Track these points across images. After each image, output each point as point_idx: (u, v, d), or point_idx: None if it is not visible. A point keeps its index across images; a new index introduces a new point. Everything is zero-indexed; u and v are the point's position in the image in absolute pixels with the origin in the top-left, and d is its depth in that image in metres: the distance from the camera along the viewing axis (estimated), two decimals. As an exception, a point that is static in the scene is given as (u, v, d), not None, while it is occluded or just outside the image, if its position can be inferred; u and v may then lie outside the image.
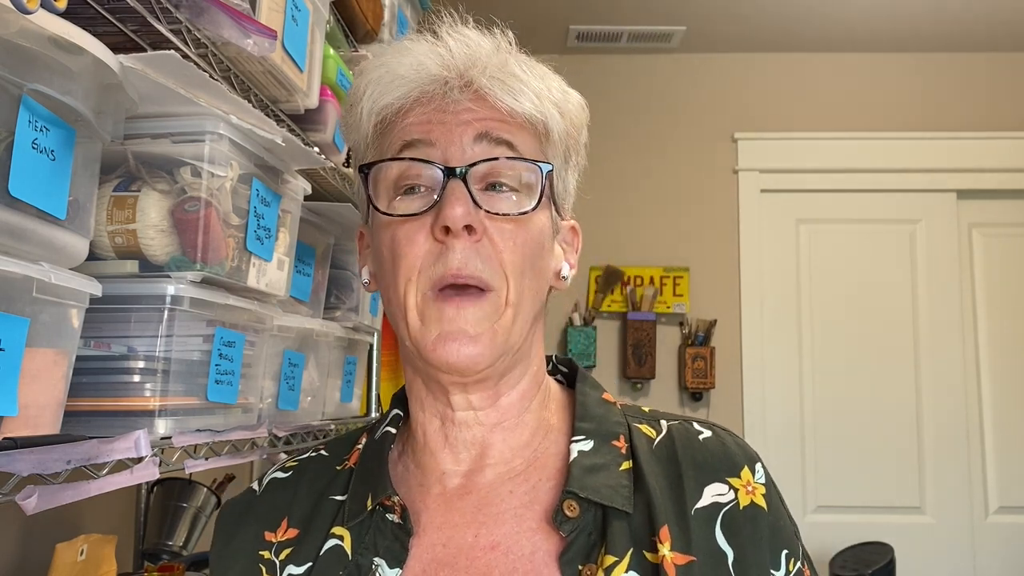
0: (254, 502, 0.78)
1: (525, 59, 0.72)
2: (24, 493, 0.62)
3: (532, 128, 0.70)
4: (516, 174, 0.69)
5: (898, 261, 3.33)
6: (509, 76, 0.69)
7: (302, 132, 1.20)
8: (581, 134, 0.75)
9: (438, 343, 0.67)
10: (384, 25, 1.57)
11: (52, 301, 0.67)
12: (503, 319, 0.68)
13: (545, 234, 0.72)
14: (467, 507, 0.71)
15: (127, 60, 0.73)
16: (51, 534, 1.21)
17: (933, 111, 3.36)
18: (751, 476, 0.71)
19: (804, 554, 0.72)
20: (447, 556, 0.68)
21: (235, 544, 0.75)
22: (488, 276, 0.67)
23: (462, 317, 0.66)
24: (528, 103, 0.68)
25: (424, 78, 0.69)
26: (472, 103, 0.68)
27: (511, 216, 0.68)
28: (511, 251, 0.68)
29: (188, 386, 0.88)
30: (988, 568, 3.15)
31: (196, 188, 0.86)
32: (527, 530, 0.69)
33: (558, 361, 0.84)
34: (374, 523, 0.70)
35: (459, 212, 0.65)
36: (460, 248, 0.66)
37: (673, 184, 3.37)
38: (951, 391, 3.24)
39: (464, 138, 0.68)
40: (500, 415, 0.73)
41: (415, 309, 0.68)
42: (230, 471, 1.87)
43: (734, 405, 3.24)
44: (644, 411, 0.78)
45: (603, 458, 0.71)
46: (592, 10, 3.06)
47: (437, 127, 0.68)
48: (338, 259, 1.47)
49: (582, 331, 3.21)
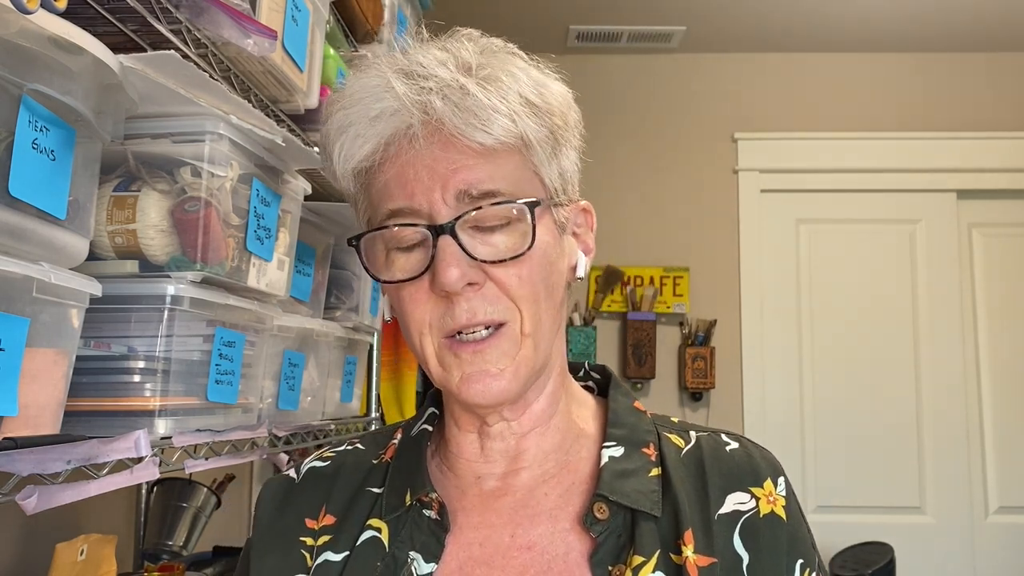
0: (293, 489, 0.79)
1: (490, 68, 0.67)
2: (24, 493, 0.62)
3: (509, 147, 0.67)
4: (505, 214, 0.68)
5: (898, 261, 3.33)
6: (473, 102, 0.65)
7: (302, 132, 1.20)
8: (568, 118, 0.72)
9: (463, 385, 0.68)
10: (384, 25, 1.57)
11: (52, 301, 0.67)
12: (523, 350, 0.68)
13: (551, 249, 0.70)
14: (504, 508, 0.72)
15: (127, 60, 0.73)
16: (51, 534, 1.21)
17: (933, 111, 3.36)
18: (773, 488, 0.73)
19: (819, 564, 0.74)
20: (483, 555, 0.70)
21: (277, 528, 0.76)
22: (498, 315, 0.67)
23: (481, 359, 0.67)
24: (498, 129, 0.65)
25: (385, 131, 0.67)
26: (442, 150, 0.66)
27: (507, 261, 0.67)
28: (518, 286, 0.68)
29: (188, 386, 0.88)
30: (988, 568, 3.15)
31: (196, 188, 0.86)
32: (561, 531, 0.70)
33: (591, 368, 0.85)
34: (411, 518, 0.72)
35: (454, 276, 0.65)
36: (464, 301, 0.66)
37: (673, 184, 3.37)
38: (951, 391, 3.24)
39: (445, 195, 0.66)
40: (533, 422, 0.74)
41: (435, 357, 0.69)
42: (230, 471, 1.87)
43: (734, 405, 3.24)
44: (673, 421, 0.80)
45: (633, 464, 0.72)
46: (592, 10, 3.06)
47: (416, 188, 0.66)
48: (338, 259, 1.47)
49: (582, 331, 3.21)
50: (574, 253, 0.76)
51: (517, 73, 0.68)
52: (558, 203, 0.72)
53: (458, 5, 2.76)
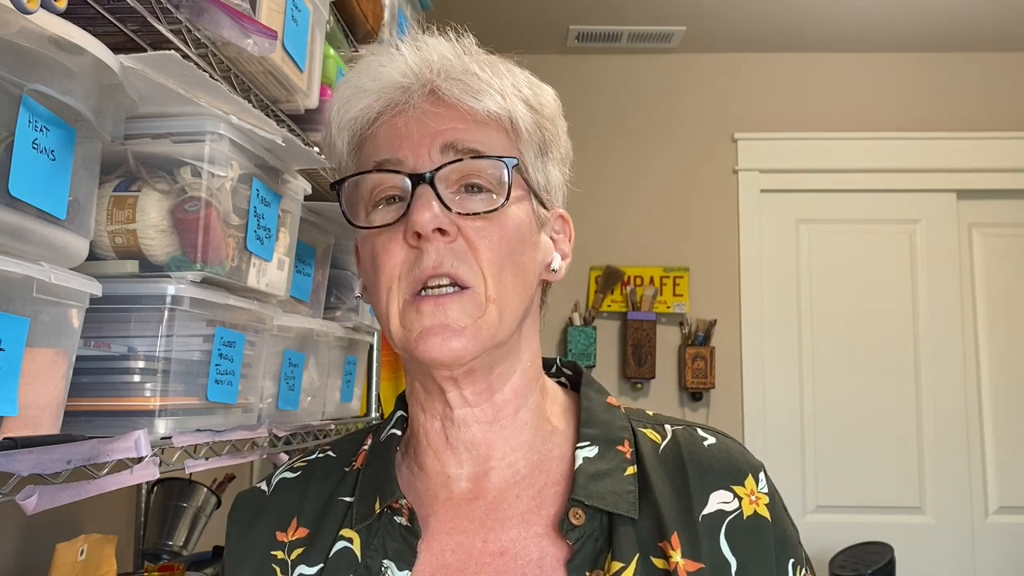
0: (264, 502, 0.78)
1: (488, 58, 0.73)
2: (24, 493, 0.62)
3: (497, 125, 0.71)
4: (484, 173, 0.70)
5: (898, 261, 3.33)
6: (470, 76, 0.70)
7: (302, 132, 1.20)
8: (557, 124, 0.75)
9: (420, 339, 0.67)
10: (384, 25, 1.57)
11: (52, 301, 0.67)
12: (487, 315, 0.68)
13: (525, 228, 0.72)
14: (475, 512, 0.72)
15: (127, 60, 0.73)
16: (51, 534, 1.21)
17: (933, 111, 3.36)
18: (755, 485, 0.72)
19: (805, 558, 0.74)
20: (456, 561, 0.69)
21: (248, 542, 0.76)
22: (464, 273, 0.68)
23: (442, 312, 0.67)
24: (489, 101, 0.69)
25: (385, 86, 0.71)
26: (434, 107, 0.70)
27: (481, 214, 0.69)
28: (487, 248, 0.68)
29: (188, 386, 0.88)
30: (988, 568, 3.15)
31: (196, 188, 0.86)
32: (534, 536, 0.69)
33: (562, 364, 0.84)
34: (382, 525, 0.71)
35: (427, 216, 0.66)
36: (434, 250, 0.67)
37: (673, 184, 3.37)
38: (951, 391, 3.24)
39: (432, 150, 0.69)
40: (496, 411, 0.73)
41: (396, 316, 0.69)
42: (230, 471, 1.87)
43: (734, 405, 3.24)
44: (648, 415, 0.79)
45: (608, 464, 0.71)
46: (592, 10, 3.06)
47: (405, 142, 0.70)
48: (338, 259, 1.47)
49: (582, 331, 3.21)
50: (550, 252, 0.77)
51: (515, 70, 0.74)
52: (539, 199, 0.74)
53: (458, 5, 2.76)
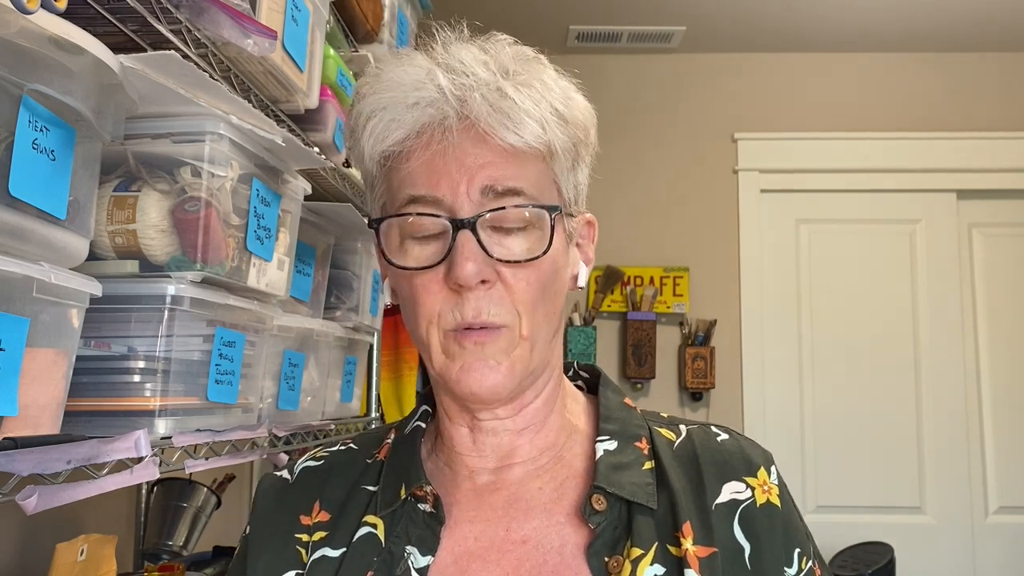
0: (287, 488, 0.79)
1: (521, 75, 0.69)
2: (24, 493, 0.62)
3: (536, 152, 0.69)
4: (525, 216, 0.69)
5: (898, 261, 3.32)
6: (506, 102, 0.67)
7: (302, 132, 1.20)
8: (589, 134, 0.75)
9: (462, 374, 0.69)
10: (384, 25, 1.57)
11: (52, 301, 0.67)
12: (519, 351, 0.70)
13: (560, 256, 0.72)
14: (498, 502, 0.73)
15: (127, 60, 0.73)
16: (51, 534, 1.21)
17: (933, 111, 3.36)
18: (767, 476, 0.74)
19: (816, 553, 0.75)
20: (479, 549, 0.71)
21: (272, 525, 0.77)
22: (501, 318, 0.68)
23: (480, 351, 0.69)
24: (529, 135, 0.67)
25: (421, 118, 0.68)
26: (473, 145, 0.68)
27: (523, 262, 0.69)
28: (523, 290, 0.69)
29: (188, 386, 0.88)
30: (988, 568, 3.15)
31: (196, 188, 0.86)
32: (556, 524, 0.71)
33: (579, 367, 0.86)
34: (406, 512, 0.73)
35: (470, 270, 0.66)
36: (474, 298, 0.68)
37: (673, 184, 3.37)
38: (951, 391, 3.24)
39: (471, 188, 0.68)
40: (527, 421, 0.75)
41: (439, 347, 0.70)
42: (230, 471, 1.87)
43: (734, 405, 3.24)
44: (663, 416, 0.81)
45: (627, 457, 0.74)
46: (592, 10, 3.06)
47: (443, 178, 0.68)
48: (338, 259, 1.47)
49: (582, 331, 3.21)
50: (576, 263, 0.78)
51: (549, 83, 0.71)
52: (570, 213, 0.75)
53: (458, 5, 2.76)
